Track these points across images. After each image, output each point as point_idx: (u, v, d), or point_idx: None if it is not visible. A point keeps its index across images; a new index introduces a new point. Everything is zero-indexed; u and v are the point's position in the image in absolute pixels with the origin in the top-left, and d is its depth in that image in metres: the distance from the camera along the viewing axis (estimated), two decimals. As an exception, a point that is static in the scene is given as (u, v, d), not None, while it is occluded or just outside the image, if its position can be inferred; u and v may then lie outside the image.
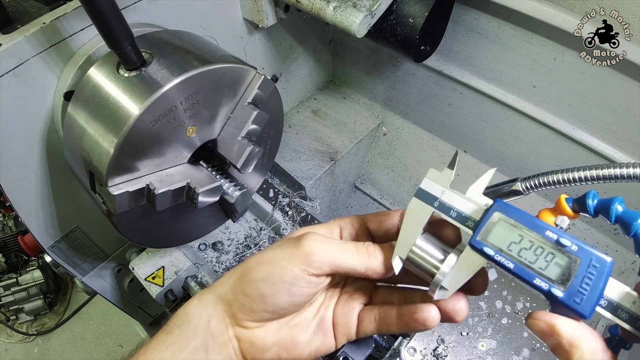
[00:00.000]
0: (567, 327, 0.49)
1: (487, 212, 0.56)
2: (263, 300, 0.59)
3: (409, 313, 0.61)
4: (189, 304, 0.64)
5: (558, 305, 0.52)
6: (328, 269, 0.59)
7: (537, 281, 0.51)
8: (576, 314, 0.50)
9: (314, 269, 0.58)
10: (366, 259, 0.60)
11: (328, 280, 0.62)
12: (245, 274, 0.61)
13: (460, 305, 0.58)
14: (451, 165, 0.62)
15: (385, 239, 0.65)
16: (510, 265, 0.53)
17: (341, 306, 0.67)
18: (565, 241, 0.52)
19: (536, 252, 0.53)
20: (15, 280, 2.72)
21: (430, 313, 0.58)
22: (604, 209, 0.74)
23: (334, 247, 0.60)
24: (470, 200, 0.59)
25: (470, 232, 0.57)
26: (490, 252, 0.54)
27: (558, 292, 0.50)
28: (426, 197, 0.61)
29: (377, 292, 0.69)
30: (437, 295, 0.56)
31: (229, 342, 0.62)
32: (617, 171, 0.73)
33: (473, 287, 0.58)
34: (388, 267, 0.60)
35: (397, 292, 0.67)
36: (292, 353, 0.63)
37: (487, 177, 0.60)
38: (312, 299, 0.66)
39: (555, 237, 0.53)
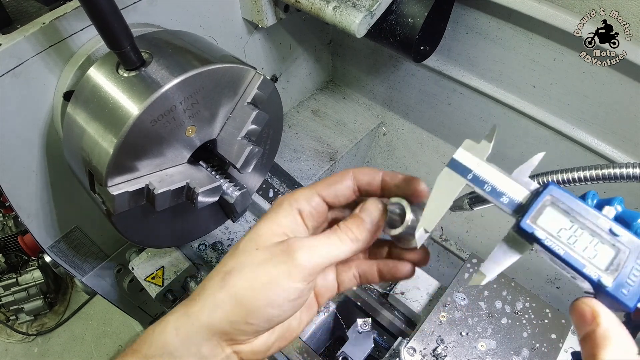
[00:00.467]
0: (607, 319, 0.48)
1: (539, 194, 0.54)
2: (269, 322, 0.57)
3: (390, 271, 0.65)
4: (164, 334, 0.56)
5: (602, 296, 0.50)
6: (324, 268, 0.58)
7: (587, 270, 0.49)
8: (621, 305, 0.49)
9: (312, 276, 0.57)
10: (351, 244, 0.59)
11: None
12: (243, 303, 0.55)
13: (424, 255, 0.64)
14: (489, 138, 0.59)
15: (343, 204, 0.64)
16: (560, 252, 0.51)
17: (319, 278, 0.66)
18: (618, 230, 0.50)
19: (585, 240, 0.51)
20: (15, 280, 2.72)
21: (406, 268, 0.64)
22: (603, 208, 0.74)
23: (322, 248, 0.58)
24: (514, 179, 0.56)
25: (506, 209, 0.56)
26: (541, 235, 0.52)
27: (607, 282, 0.49)
28: (459, 169, 0.58)
29: None
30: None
31: (227, 359, 0.58)
32: (617, 171, 0.73)
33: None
34: (369, 241, 0.60)
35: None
36: (289, 338, 0.64)
37: (535, 160, 0.57)
38: None
39: (608, 226, 0.51)
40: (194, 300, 0.57)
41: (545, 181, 0.80)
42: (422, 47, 1.31)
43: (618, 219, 0.72)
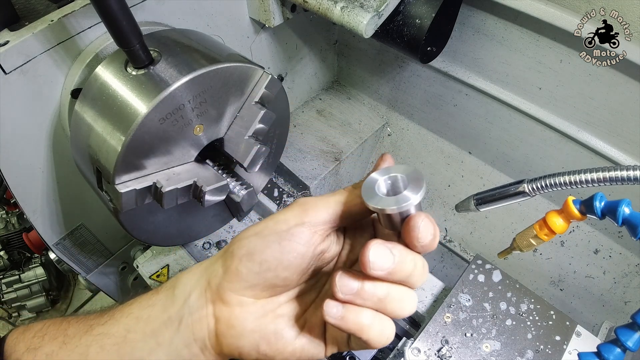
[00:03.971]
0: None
1: None
2: (250, 258, 0.56)
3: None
4: (182, 273, 0.63)
5: None
6: (328, 218, 0.56)
7: None
8: None
9: (311, 221, 0.56)
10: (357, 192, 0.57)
11: (323, 244, 0.58)
12: (237, 238, 0.59)
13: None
14: None
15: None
16: None
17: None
18: None
19: None
20: (17, 277, 2.73)
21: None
22: (611, 211, 0.74)
23: (329, 198, 0.57)
24: None
25: None
26: None
27: None
28: None
29: None
30: None
31: (205, 319, 0.58)
32: (624, 173, 0.73)
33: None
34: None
35: None
36: (274, 346, 0.58)
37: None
38: (302, 282, 0.61)
39: None
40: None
41: (553, 183, 0.80)
42: (428, 48, 1.31)
43: (625, 221, 0.72)
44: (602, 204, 0.75)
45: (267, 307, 0.59)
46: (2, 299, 2.74)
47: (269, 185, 1.50)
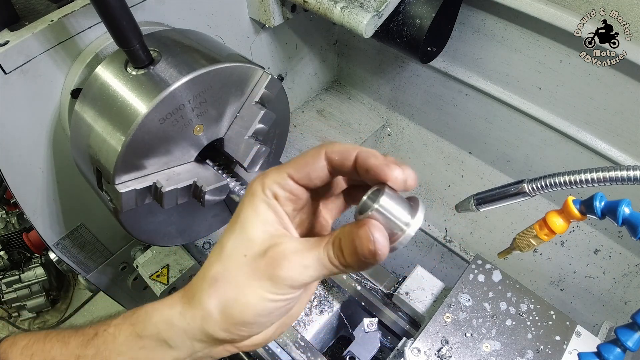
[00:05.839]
0: None
1: None
2: (263, 327, 0.55)
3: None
4: (158, 319, 0.57)
5: None
6: (311, 282, 0.54)
7: None
8: None
9: (299, 287, 0.53)
10: (340, 269, 0.52)
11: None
12: (233, 316, 0.54)
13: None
14: None
15: (319, 186, 0.55)
16: None
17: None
18: None
19: None
20: (17, 277, 2.73)
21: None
22: (611, 211, 0.74)
23: (308, 267, 0.52)
24: None
25: None
26: None
27: None
28: None
29: None
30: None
31: (224, 349, 0.58)
32: (624, 173, 0.74)
33: None
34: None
35: None
36: (290, 323, 0.61)
37: None
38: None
39: None
40: (187, 304, 0.55)
41: (553, 183, 0.80)
42: (428, 48, 1.31)
43: (625, 221, 0.72)
44: (602, 204, 0.75)
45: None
46: (2, 299, 2.74)
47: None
